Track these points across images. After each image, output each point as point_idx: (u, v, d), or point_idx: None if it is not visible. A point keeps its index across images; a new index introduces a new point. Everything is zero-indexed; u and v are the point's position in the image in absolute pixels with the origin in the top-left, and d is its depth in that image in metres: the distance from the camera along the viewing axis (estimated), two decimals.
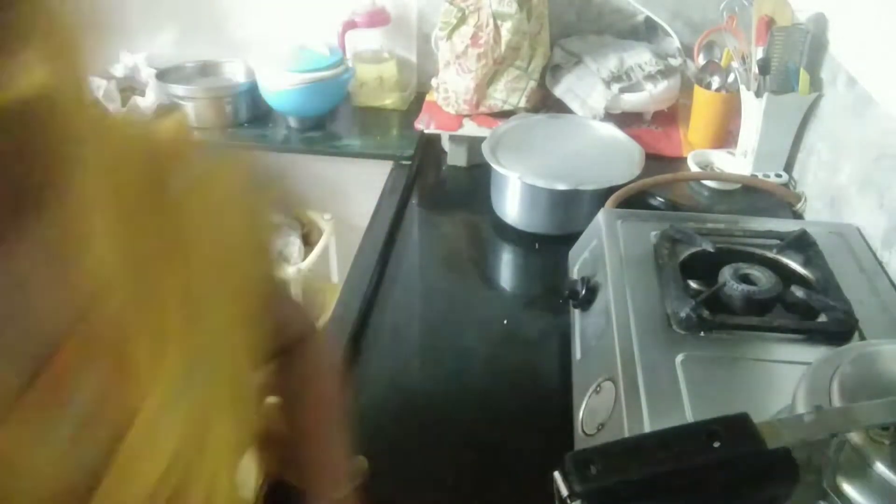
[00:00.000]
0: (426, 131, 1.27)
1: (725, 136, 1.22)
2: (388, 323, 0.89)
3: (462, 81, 1.24)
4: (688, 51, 1.28)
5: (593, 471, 0.41)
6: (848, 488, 0.43)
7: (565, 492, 0.41)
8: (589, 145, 1.12)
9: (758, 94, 1.07)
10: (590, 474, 0.41)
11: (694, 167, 1.14)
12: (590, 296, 0.77)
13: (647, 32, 1.37)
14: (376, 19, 1.41)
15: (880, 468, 0.43)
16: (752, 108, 1.09)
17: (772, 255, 0.77)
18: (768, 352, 0.64)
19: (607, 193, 0.97)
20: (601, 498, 0.41)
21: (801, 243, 0.77)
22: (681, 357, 0.63)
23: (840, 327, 0.65)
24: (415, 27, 1.46)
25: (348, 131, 1.43)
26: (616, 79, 1.22)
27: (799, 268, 0.75)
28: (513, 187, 1.02)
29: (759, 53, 1.06)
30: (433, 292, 0.97)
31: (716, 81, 1.20)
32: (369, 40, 1.47)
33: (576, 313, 0.81)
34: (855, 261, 0.77)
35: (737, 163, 1.15)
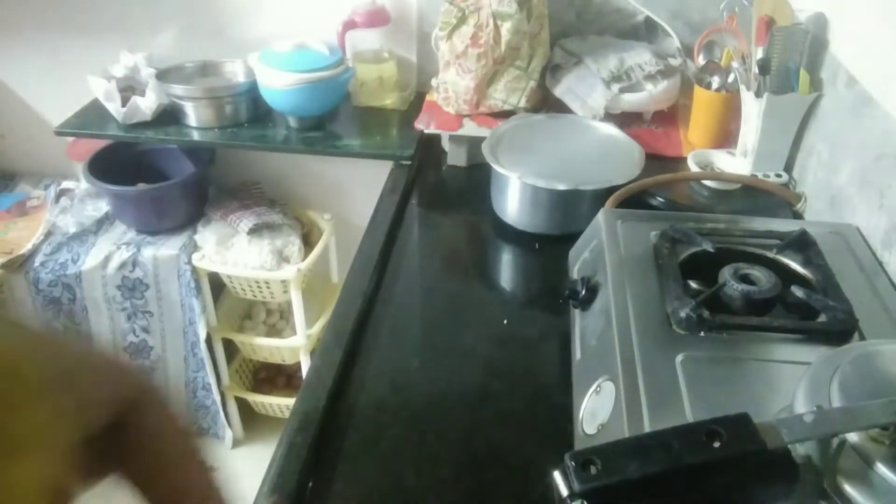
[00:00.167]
0: (426, 131, 1.27)
1: (725, 136, 1.22)
2: (388, 323, 0.89)
3: (462, 81, 1.24)
4: (688, 51, 1.28)
5: (593, 471, 0.41)
6: (848, 488, 0.43)
7: (565, 492, 0.41)
8: (589, 145, 1.12)
9: (758, 94, 1.07)
10: (590, 474, 0.41)
11: (694, 167, 1.14)
12: (590, 296, 0.77)
13: (647, 32, 1.38)
14: (376, 19, 1.41)
15: (880, 468, 0.43)
16: (752, 108, 1.09)
17: (772, 255, 0.77)
18: (768, 352, 0.64)
19: (607, 193, 0.97)
20: (601, 498, 0.41)
21: (801, 243, 0.77)
22: (681, 357, 0.63)
23: (840, 327, 0.65)
24: (415, 27, 1.46)
25: (348, 131, 1.43)
26: (616, 79, 1.22)
27: (799, 268, 0.75)
28: (513, 187, 1.02)
29: (759, 53, 1.06)
30: (433, 292, 0.97)
31: (716, 81, 1.20)
32: (369, 40, 1.46)
33: (576, 313, 0.81)
34: (855, 261, 0.77)
35: (737, 163, 1.15)
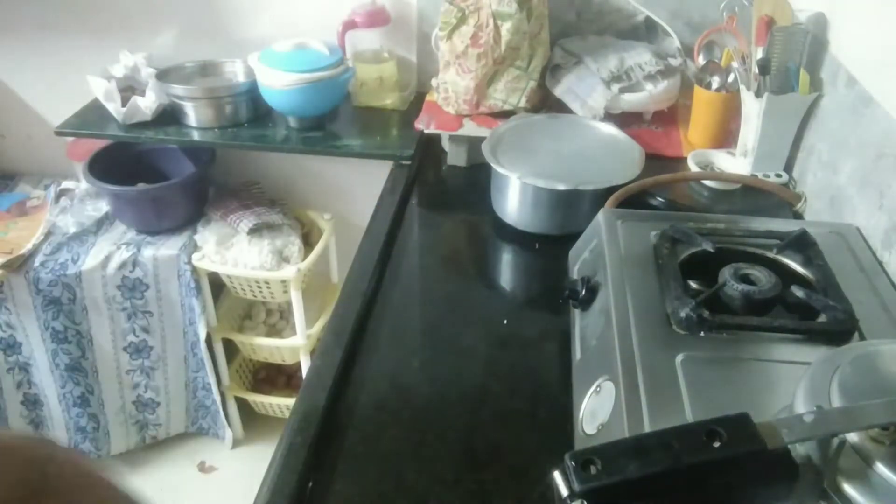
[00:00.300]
0: (426, 131, 1.27)
1: (725, 136, 1.22)
2: (388, 323, 0.89)
3: (462, 81, 1.24)
4: (688, 51, 1.28)
5: (593, 471, 0.41)
6: (848, 488, 0.43)
7: (565, 492, 0.41)
8: (589, 145, 1.12)
9: (758, 94, 1.07)
10: (590, 474, 0.41)
11: (694, 167, 1.14)
12: (590, 296, 0.77)
13: (647, 32, 1.38)
14: (376, 19, 1.41)
15: (880, 468, 0.43)
16: (752, 108, 1.09)
17: (772, 255, 0.77)
18: (768, 352, 0.64)
19: (607, 193, 0.97)
20: (601, 498, 0.41)
21: (801, 243, 0.77)
22: (681, 357, 0.63)
23: (840, 327, 0.65)
24: (415, 27, 1.46)
25: (348, 131, 1.43)
26: (616, 79, 1.22)
27: (799, 268, 0.75)
28: (513, 187, 1.02)
29: (759, 53, 1.06)
30: (433, 292, 0.97)
31: (716, 81, 1.20)
32: (369, 40, 1.47)
33: (576, 313, 0.81)
34: (855, 261, 0.77)
35: (737, 163, 1.15)
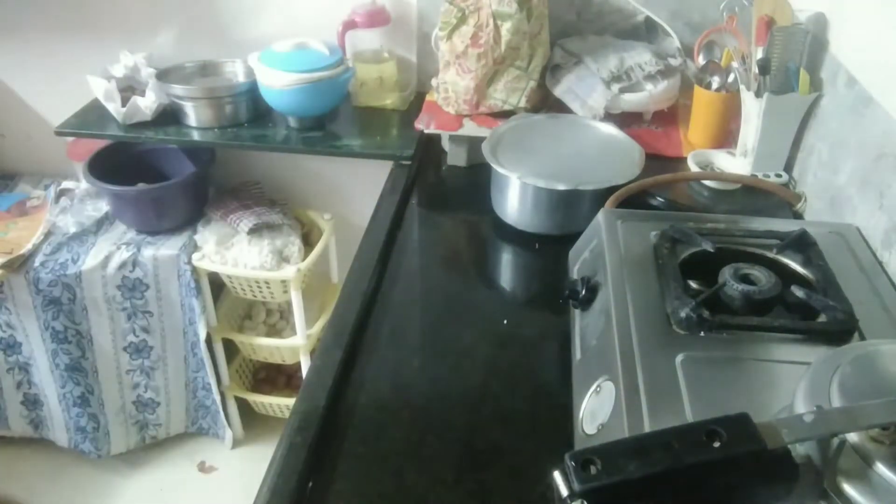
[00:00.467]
0: (426, 131, 1.27)
1: (725, 136, 1.22)
2: (388, 323, 0.89)
3: (462, 81, 1.24)
4: (688, 51, 1.28)
5: (593, 471, 0.41)
6: (848, 488, 0.43)
7: (565, 492, 0.41)
8: (589, 145, 1.12)
9: (758, 94, 1.07)
10: (590, 474, 0.41)
11: (694, 167, 1.14)
12: (590, 296, 0.77)
13: (647, 32, 1.38)
14: (376, 19, 1.41)
15: (880, 468, 0.43)
16: (752, 108, 1.09)
17: (772, 255, 0.77)
18: (768, 352, 0.64)
19: (607, 193, 0.97)
20: (601, 498, 0.41)
21: (801, 243, 0.77)
22: (681, 357, 0.63)
23: (840, 327, 0.65)
24: (415, 27, 1.46)
25: (348, 131, 1.43)
26: (616, 79, 1.22)
27: (799, 268, 0.75)
28: (513, 187, 1.02)
29: (759, 53, 1.06)
30: (433, 292, 0.97)
31: (716, 81, 1.20)
32: (369, 40, 1.47)
33: (576, 313, 0.81)
34: (855, 261, 0.77)
35: (737, 163, 1.15)
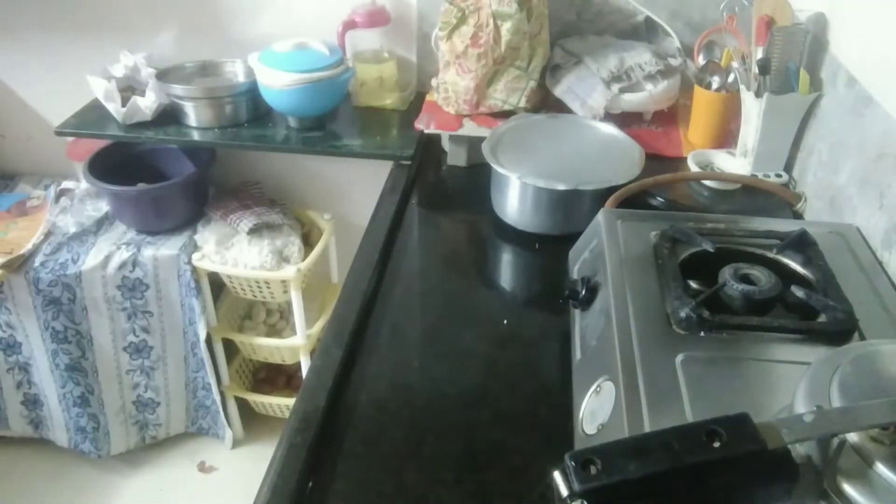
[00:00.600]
0: (426, 131, 1.27)
1: (725, 136, 1.22)
2: (388, 323, 0.89)
3: (462, 81, 1.24)
4: (688, 51, 1.28)
5: (593, 471, 0.41)
6: (848, 488, 0.43)
7: (565, 492, 0.41)
8: (589, 145, 1.12)
9: (758, 94, 1.07)
10: (590, 474, 0.41)
11: (694, 167, 1.14)
12: (590, 296, 0.77)
13: (647, 32, 1.38)
14: (376, 19, 1.41)
15: (880, 468, 0.43)
16: (752, 108, 1.09)
17: (772, 255, 0.77)
18: (768, 352, 0.64)
19: (607, 193, 0.97)
20: (601, 498, 0.41)
21: (801, 243, 0.77)
22: (681, 357, 0.63)
23: (840, 327, 0.65)
24: (415, 27, 1.46)
25: (348, 131, 1.43)
26: (616, 79, 1.22)
27: (799, 268, 0.75)
28: (513, 187, 1.02)
29: (759, 53, 1.06)
30: (433, 292, 0.97)
31: (716, 81, 1.20)
32: (369, 40, 1.47)
33: (576, 313, 0.81)
34: (855, 261, 0.77)
35: (737, 163, 1.15)
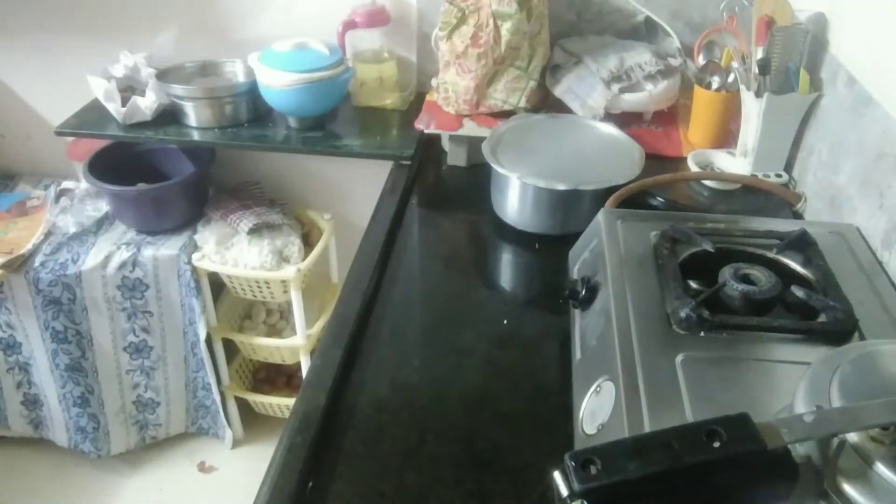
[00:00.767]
0: (426, 131, 1.27)
1: (725, 136, 1.22)
2: (388, 323, 0.89)
3: (462, 81, 1.24)
4: (688, 51, 1.28)
5: (593, 471, 0.41)
6: (848, 488, 0.43)
7: (565, 492, 0.41)
8: (589, 145, 1.12)
9: (758, 94, 1.07)
10: (590, 474, 0.41)
11: (694, 167, 1.14)
12: (590, 296, 0.77)
13: (647, 32, 1.38)
14: (376, 19, 1.41)
15: (880, 468, 0.43)
16: (752, 108, 1.09)
17: (772, 255, 0.77)
18: (768, 352, 0.64)
19: (607, 193, 0.97)
20: (601, 498, 0.41)
21: (801, 243, 0.77)
22: (681, 357, 0.63)
23: (840, 327, 0.65)
24: (415, 27, 1.46)
25: (348, 131, 1.43)
26: (616, 79, 1.22)
27: (799, 268, 0.75)
28: (513, 187, 1.02)
29: (759, 53, 1.06)
30: (433, 292, 0.97)
31: (716, 81, 1.20)
32: (369, 40, 1.47)
33: (576, 313, 0.81)
34: (855, 261, 0.77)
35: (737, 163, 1.15)
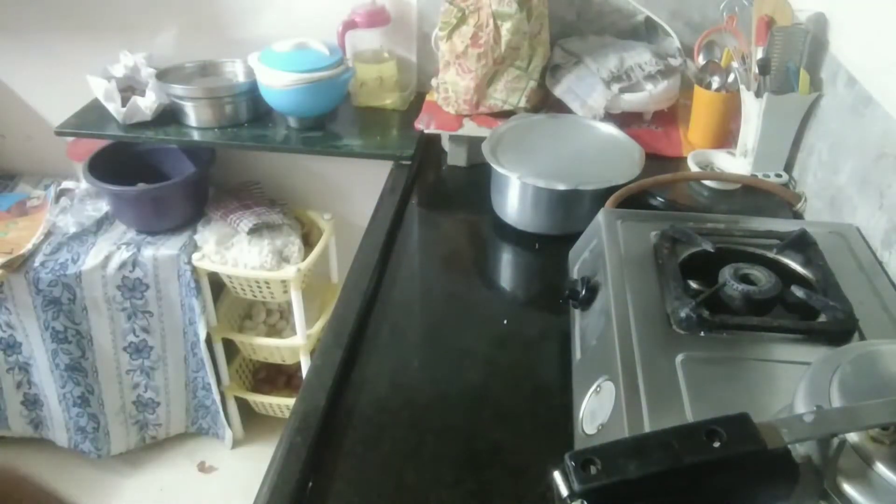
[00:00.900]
0: (426, 131, 1.27)
1: (725, 136, 1.22)
2: (388, 323, 0.89)
3: (462, 81, 1.24)
4: (688, 51, 1.28)
5: (593, 471, 0.41)
6: (848, 488, 0.43)
7: (565, 492, 0.41)
8: (589, 145, 1.12)
9: (758, 94, 1.07)
10: (590, 474, 0.41)
11: (694, 167, 1.14)
12: (590, 296, 0.77)
13: (647, 32, 1.38)
14: (376, 19, 1.41)
15: (880, 468, 0.43)
16: (752, 108, 1.09)
17: (772, 255, 0.77)
18: (768, 352, 0.64)
19: (607, 193, 0.97)
20: (601, 498, 0.41)
21: (801, 243, 0.77)
22: (681, 357, 0.63)
23: (840, 327, 0.65)
24: (415, 27, 1.46)
25: (348, 131, 1.43)
26: (616, 79, 1.22)
27: (799, 268, 0.75)
28: (513, 187, 1.02)
29: (759, 53, 1.06)
30: (433, 292, 0.97)
31: (716, 81, 1.20)
32: (369, 40, 1.47)
33: (576, 313, 0.81)
34: (855, 261, 0.77)
35: (737, 163, 1.15)
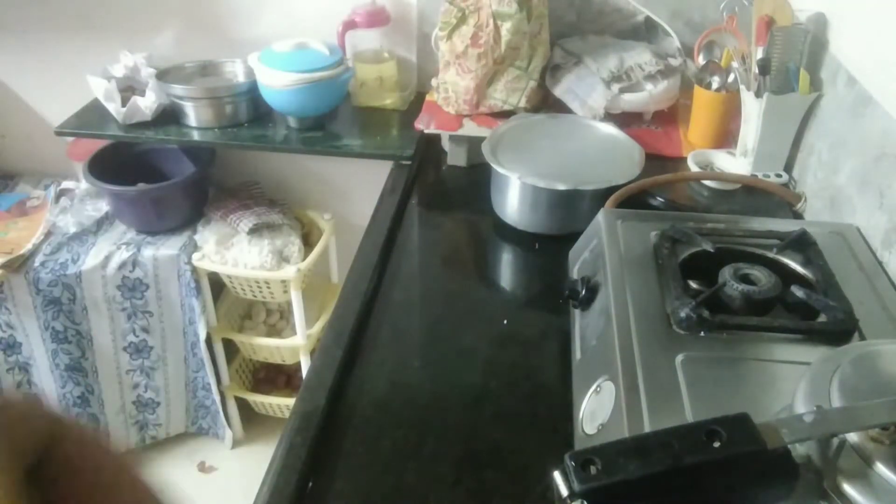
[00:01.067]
0: (426, 131, 1.27)
1: (725, 136, 1.22)
2: (388, 323, 0.89)
3: (462, 81, 1.24)
4: (688, 51, 1.28)
5: (593, 471, 0.41)
6: (848, 488, 0.43)
7: (565, 492, 0.41)
8: (589, 145, 1.12)
9: (758, 94, 1.07)
10: (590, 474, 0.41)
11: (694, 167, 1.14)
12: (590, 296, 0.77)
13: (647, 32, 1.38)
14: (376, 19, 1.41)
15: (880, 468, 0.43)
16: (752, 108, 1.09)
17: (772, 255, 0.77)
18: (768, 352, 0.64)
19: (607, 193, 0.97)
20: (601, 498, 0.41)
21: (801, 243, 0.77)
22: (681, 357, 0.63)
23: (840, 327, 0.65)
24: (415, 27, 1.46)
25: (348, 131, 1.43)
26: (616, 79, 1.22)
27: (799, 268, 0.75)
28: (513, 187, 1.02)
29: (759, 53, 1.06)
30: (433, 292, 0.97)
31: (716, 81, 1.20)
32: (369, 40, 1.47)
33: (576, 313, 0.81)
34: (855, 261, 0.77)
35: (737, 163, 1.15)
